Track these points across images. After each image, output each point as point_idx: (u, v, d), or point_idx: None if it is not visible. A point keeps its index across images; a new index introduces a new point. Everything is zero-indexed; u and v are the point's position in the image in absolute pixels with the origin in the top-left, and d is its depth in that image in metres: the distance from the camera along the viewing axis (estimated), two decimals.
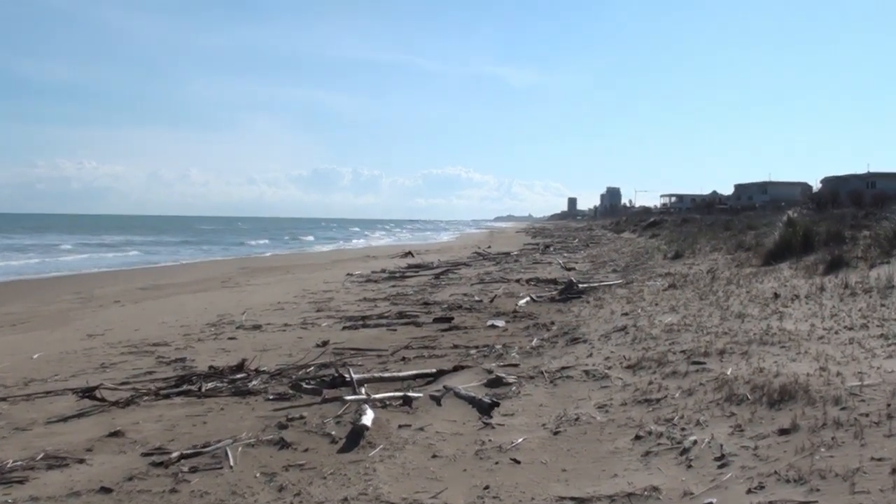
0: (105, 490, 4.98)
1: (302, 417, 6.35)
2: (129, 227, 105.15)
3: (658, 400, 5.92)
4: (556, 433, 5.61)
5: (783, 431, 4.75)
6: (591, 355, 7.87)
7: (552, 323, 11.03)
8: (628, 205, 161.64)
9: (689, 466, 4.60)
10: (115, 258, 37.34)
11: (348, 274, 22.17)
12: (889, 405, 4.89)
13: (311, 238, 70.26)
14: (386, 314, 12.82)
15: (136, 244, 52.41)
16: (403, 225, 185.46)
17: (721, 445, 4.75)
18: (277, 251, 45.01)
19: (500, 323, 11.29)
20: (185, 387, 7.63)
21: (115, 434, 6.13)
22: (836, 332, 7.20)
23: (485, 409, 6.36)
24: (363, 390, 7.06)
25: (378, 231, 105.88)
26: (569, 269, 20.98)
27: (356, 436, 5.75)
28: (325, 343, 10.04)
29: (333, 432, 5.92)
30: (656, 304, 10.94)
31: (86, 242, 53.54)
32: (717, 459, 4.59)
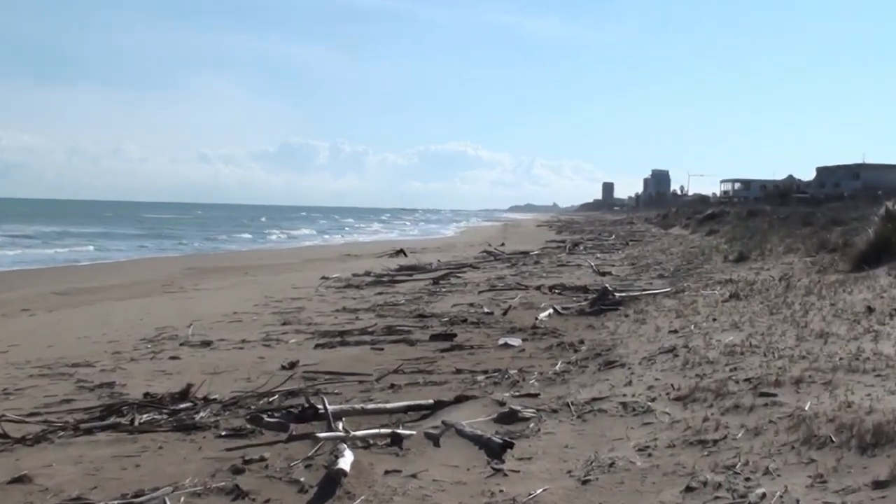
0: None
1: (262, 459, 6.31)
2: (43, 214, 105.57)
3: (715, 441, 5.88)
4: (584, 482, 5.57)
5: (878, 485, 4.71)
6: (630, 383, 7.84)
7: (581, 342, 11.00)
8: (679, 192, 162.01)
9: None
10: (33, 255, 37.44)
11: (323, 277, 22.20)
12: None
13: (307, 231, 70.94)
14: (370, 329, 12.81)
15: (71, 237, 52.83)
16: (395, 215, 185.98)
17: (797, 501, 4.71)
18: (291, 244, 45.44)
19: (516, 341, 11.27)
20: (112, 419, 7.60)
21: (19, 480, 6.06)
22: None
23: (495, 450, 6.32)
24: (340, 425, 7.03)
25: (363, 222, 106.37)
26: (603, 274, 20.99)
27: (331, 484, 5.71)
28: (292, 365, 10.02)
29: (302, 479, 5.89)
30: (714, 320, 10.90)
31: None
32: None
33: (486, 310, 14.73)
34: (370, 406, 7.73)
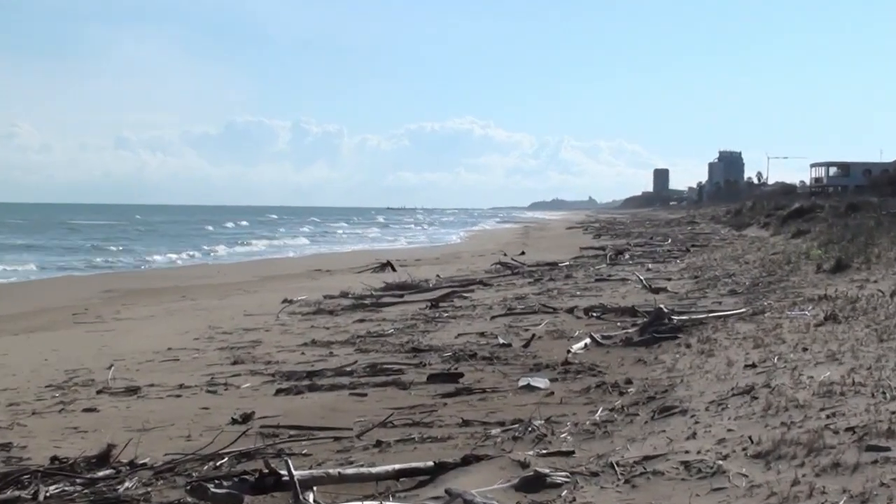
0: None
1: None
2: None
3: None
4: None
5: None
6: (693, 436, 7.84)
7: (628, 381, 10.99)
8: (755, 181, 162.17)
9: None
10: None
11: (286, 300, 22.22)
12: None
13: (261, 241, 71.46)
14: (349, 368, 12.81)
15: None
16: (378, 215, 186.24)
17: None
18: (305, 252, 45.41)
19: (542, 383, 11.26)
20: (9, 492, 7.60)
21: None
22: None
23: None
24: (311, 497, 7.03)
25: (336, 225, 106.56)
26: (656, 291, 21.00)
27: None
28: (246, 418, 10.02)
29: None
30: (804, 350, 10.89)
31: None
32: None
33: (501, 341, 14.74)
34: (350, 471, 7.71)
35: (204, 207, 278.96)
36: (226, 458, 8.38)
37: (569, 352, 13.40)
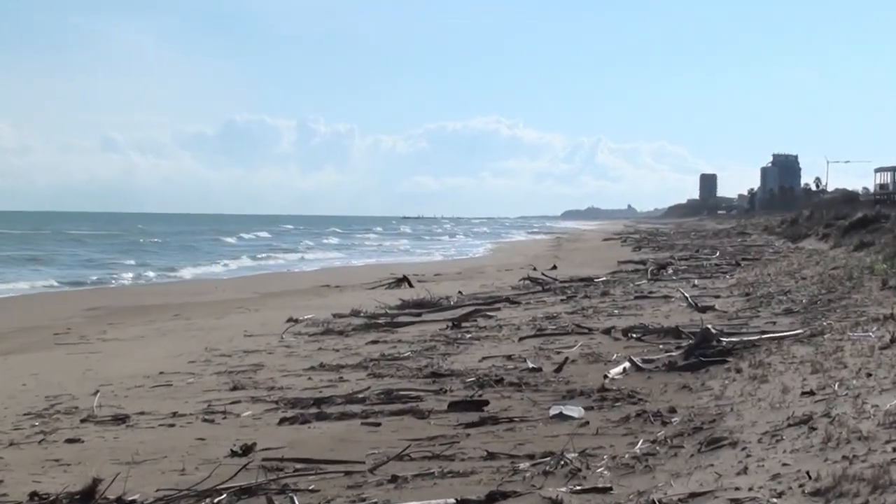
0: None
1: None
2: None
3: None
4: None
5: None
6: (745, 471, 7.81)
7: (672, 410, 10.96)
8: (813, 187, 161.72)
9: None
10: None
11: (290, 319, 22.23)
12: None
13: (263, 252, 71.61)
14: (361, 395, 12.81)
15: None
16: (401, 224, 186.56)
17: None
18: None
19: (576, 411, 11.24)
20: None
21: None
22: None
23: None
24: None
25: (362, 235, 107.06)
26: (703, 310, 20.95)
27: None
28: (247, 449, 10.03)
29: None
30: (868, 375, 10.83)
31: None
32: None
33: (530, 365, 14.72)
34: None
35: (204, 217, 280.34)
36: (224, 495, 8.40)
37: (606, 377, 13.38)
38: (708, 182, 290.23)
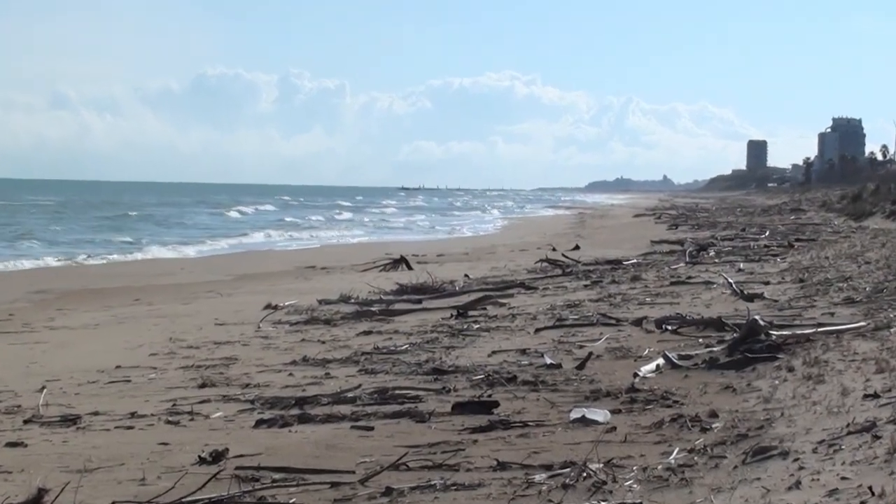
0: None
1: None
2: None
3: None
4: None
5: None
6: (797, 485, 7.81)
7: (712, 414, 10.95)
8: (879, 157, 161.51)
9: None
10: None
11: (269, 306, 22.24)
12: None
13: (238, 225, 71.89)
14: (351, 393, 12.81)
15: None
16: (392, 197, 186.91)
17: None
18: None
19: (601, 415, 11.23)
20: None
21: None
22: None
23: None
24: None
25: (336, 211, 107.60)
26: (750, 299, 20.91)
27: None
28: (217, 456, 10.02)
29: None
30: None
31: None
32: None
33: (548, 361, 14.70)
34: None
35: (173, 186, 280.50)
36: None
37: (636, 375, 13.35)
38: (757, 150, 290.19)
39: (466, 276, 28.80)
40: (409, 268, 32.68)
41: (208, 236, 61.13)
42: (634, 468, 9.00)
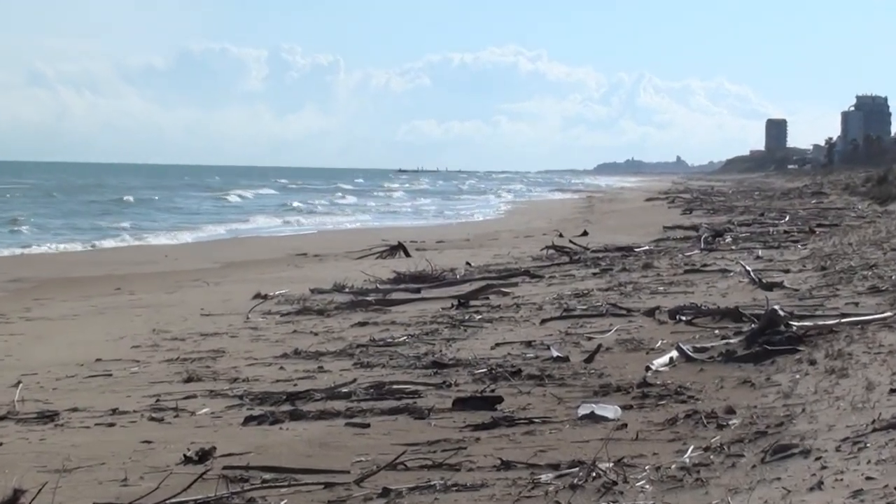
0: None
1: None
2: None
3: None
4: None
5: None
6: (819, 485, 7.81)
7: (729, 411, 10.94)
8: None
9: None
10: None
11: (258, 295, 22.25)
12: None
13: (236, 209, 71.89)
14: (345, 388, 12.80)
15: None
16: (394, 180, 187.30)
17: None
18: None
19: (611, 411, 11.22)
20: None
21: None
22: None
23: None
24: None
25: (338, 195, 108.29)
26: (769, 287, 20.90)
27: None
28: (204, 455, 10.02)
29: None
30: None
31: None
32: None
33: (555, 353, 14.70)
34: None
35: (157, 168, 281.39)
36: None
37: (648, 369, 13.36)
38: (776, 130, 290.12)
39: (468, 263, 28.80)
40: (407, 255, 32.66)
41: (210, 222, 61.20)
42: (647, 468, 9.00)
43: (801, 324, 15.11)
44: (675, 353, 14.18)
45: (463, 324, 18.15)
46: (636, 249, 31.62)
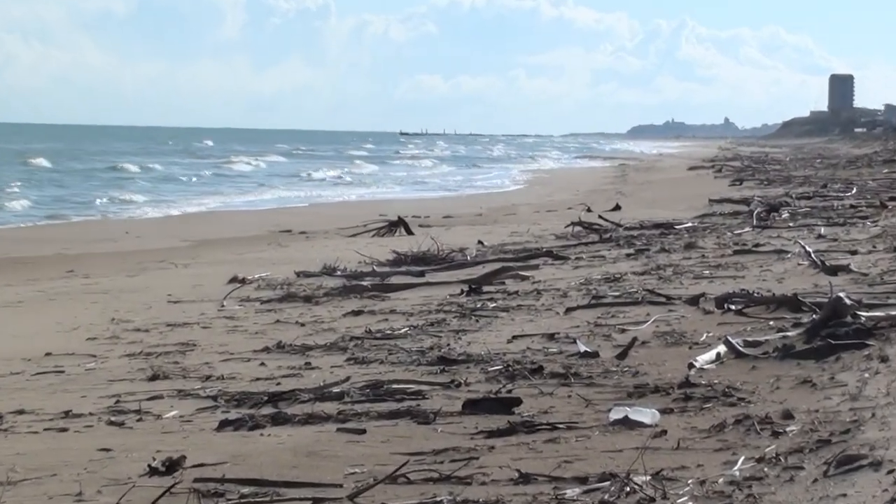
0: None
1: None
2: None
3: None
4: None
5: None
6: (893, 502, 7.82)
7: (786, 415, 10.94)
8: None
9: None
10: None
11: (235, 279, 22.28)
12: None
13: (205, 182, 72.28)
14: (337, 388, 12.83)
15: None
16: (405, 145, 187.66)
17: None
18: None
19: (648, 416, 11.22)
20: None
21: None
22: None
23: None
24: None
25: (354, 162, 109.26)
26: (833, 271, 20.90)
27: None
28: (172, 465, 10.04)
29: None
30: None
31: None
32: None
33: (582, 348, 14.71)
34: None
35: (120, 130, 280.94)
36: None
37: (691, 366, 13.37)
38: (841, 87, 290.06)
39: (480, 242, 28.87)
40: (409, 232, 32.74)
41: (237, 192, 62.02)
42: (689, 482, 9.00)
43: (870, 314, 15.10)
44: (722, 348, 14.18)
45: (474, 313, 18.19)
46: (677, 226, 31.65)
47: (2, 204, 51.18)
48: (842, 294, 15.84)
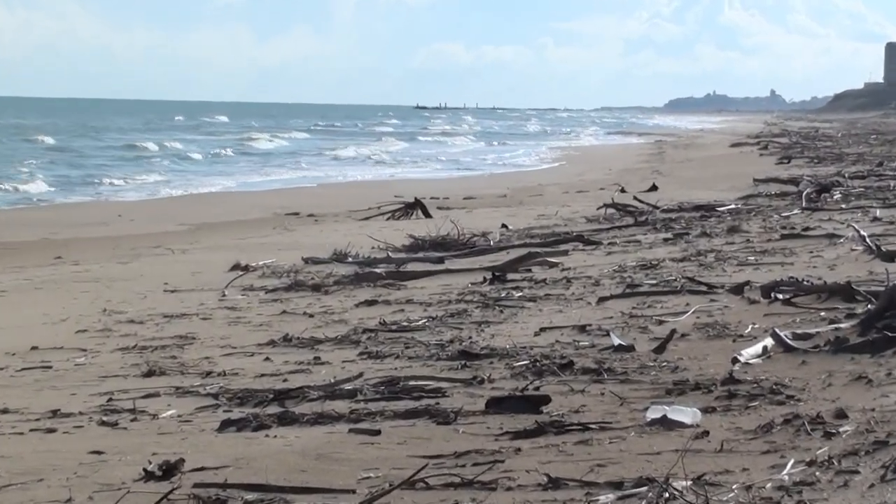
0: None
1: None
2: None
3: None
4: None
5: None
6: None
7: (840, 415, 10.92)
8: None
9: None
10: None
11: (237, 266, 22.31)
12: None
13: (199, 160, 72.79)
14: (349, 385, 12.83)
15: None
16: (454, 119, 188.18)
17: None
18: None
19: (688, 415, 11.21)
20: None
21: None
22: None
23: None
24: None
25: (385, 140, 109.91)
26: (890, 258, 20.86)
27: None
28: (170, 469, 10.05)
29: None
30: None
31: None
32: None
33: (616, 341, 14.71)
34: None
35: (102, 101, 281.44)
36: None
37: (735, 361, 13.35)
38: None
39: (504, 226, 28.88)
40: (427, 215, 32.77)
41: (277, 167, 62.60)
42: (734, 487, 8.98)
43: None
44: (769, 342, 14.16)
45: (498, 303, 18.19)
46: (719, 209, 31.63)
47: (16, 185, 51.48)
48: None
